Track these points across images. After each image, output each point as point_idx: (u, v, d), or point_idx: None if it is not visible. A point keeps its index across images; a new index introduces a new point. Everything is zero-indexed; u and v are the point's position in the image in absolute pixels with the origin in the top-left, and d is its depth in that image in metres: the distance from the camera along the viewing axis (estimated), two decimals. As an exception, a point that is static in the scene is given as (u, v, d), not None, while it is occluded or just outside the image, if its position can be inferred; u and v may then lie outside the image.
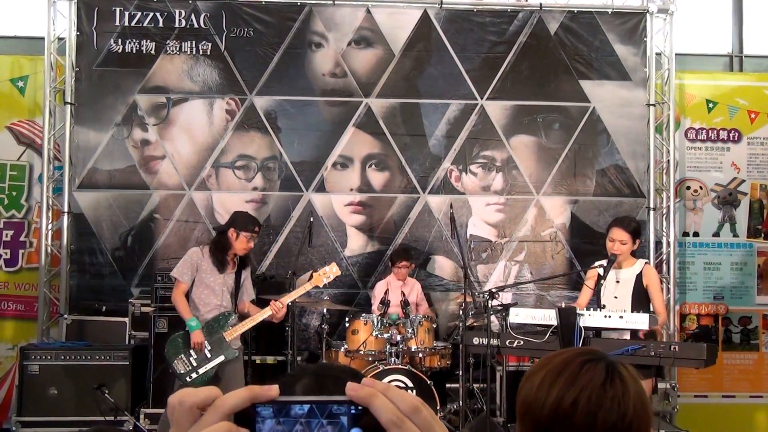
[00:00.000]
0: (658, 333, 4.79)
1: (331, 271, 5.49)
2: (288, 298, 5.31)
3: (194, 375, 5.08)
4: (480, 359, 5.93)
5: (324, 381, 1.43)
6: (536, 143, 7.30)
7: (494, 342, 5.08)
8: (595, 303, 4.94)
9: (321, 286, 5.64)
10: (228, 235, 5.23)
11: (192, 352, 5.09)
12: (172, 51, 7.11)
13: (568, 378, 1.39)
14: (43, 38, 7.01)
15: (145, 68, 7.09)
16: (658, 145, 7.34)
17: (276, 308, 5.21)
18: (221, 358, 5.13)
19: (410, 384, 5.73)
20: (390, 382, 5.69)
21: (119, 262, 7.01)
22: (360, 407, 0.80)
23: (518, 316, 5.00)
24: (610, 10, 7.30)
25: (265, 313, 5.23)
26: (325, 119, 7.21)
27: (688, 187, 7.56)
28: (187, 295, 5.22)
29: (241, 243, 5.21)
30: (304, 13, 7.17)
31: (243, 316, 5.34)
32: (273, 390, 0.81)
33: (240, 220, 5.28)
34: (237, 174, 7.16)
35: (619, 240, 4.91)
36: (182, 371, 5.09)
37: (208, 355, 5.11)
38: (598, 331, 4.77)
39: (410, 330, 5.98)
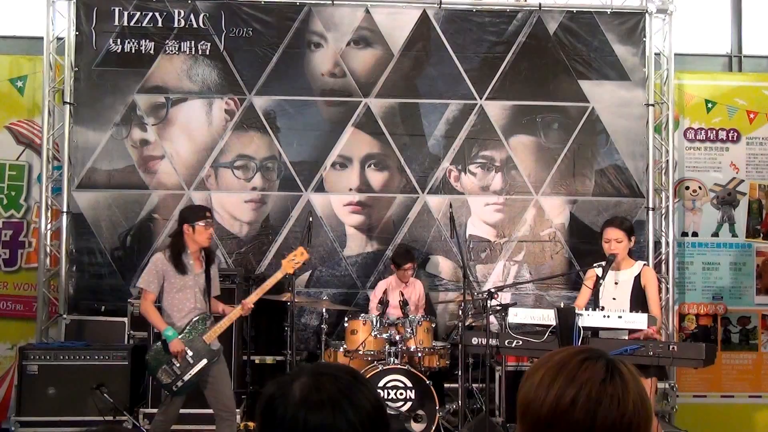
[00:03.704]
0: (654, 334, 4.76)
1: (299, 254, 5.32)
2: (257, 295, 5.23)
3: (180, 383, 5.02)
4: (479, 359, 5.92)
5: (321, 380, 1.43)
6: (535, 143, 7.30)
7: (493, 342, 5.08)
8: (593, 304, 4.93)
9: (292, 273, 5.46)
10: (184, 234, 5.09)
11: (174, 360, 5.00)
12: (171, 51, 7.10)
13: (567, 376, 1.39)
14: (42, 38, 7.00)
15: (144, 68, 7.08)
16: (657, 145, 7.34)
17: (246, 310, 5.17)
18: (204, 362, 5.06)
19: (409, 384, 5.73)
20: (389, 381, 5.70)
21: (118, 262, 7.01)
22: None
23: (517, 316, 4.99)
24: (609, 10, 7.30)
25: (237, 313, 5.18)
26: (324, 119, 7.21)
27: (687, 187, 7.57)
28: (160, 302, 5.12)
29: (200, 234, 5.07)
30: (303, 13, 7.18)
31: (216, 316, 5.25)
32: None
33: (189, 214, 5.17)
34: (236, 174, 7.16)
35: (614, 239, 4.91)
36: (167, 381, 5.02)
37: (191, 361, 5.03)
38: (594, 332, 4.77)
39: (409, 330, 5.98)
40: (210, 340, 5.09)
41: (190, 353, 5.04)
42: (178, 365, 5.02)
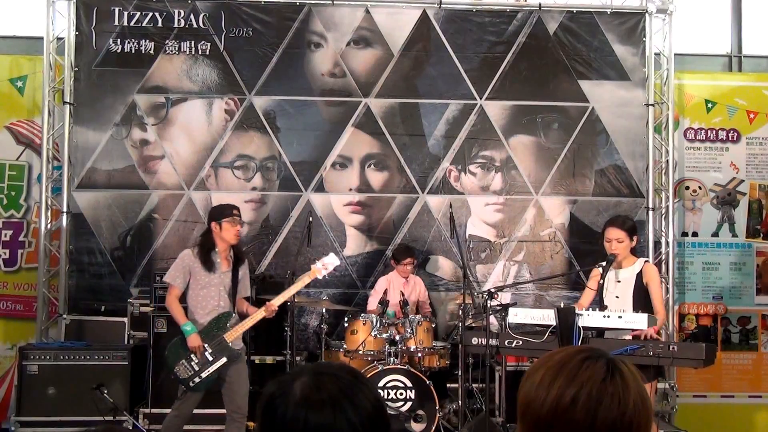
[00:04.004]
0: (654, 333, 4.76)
1: (330, 261, 5.39)
2: (283, 298, 5.29)
3: (197, 379, 5.04)
4: (479, 359, 5.92)
5: (322, 379, 1.43)
6: (535, 143, 7.30)
7: (493, 342, 5.08)
8: (598, 304, 4.93)
9: (320, 278, 5.50)
10: (212, 232, 5.18)
11: (193, 356, 5.04)
12: (171, 51, 7.10)
13: (567, 375, 1.39)
14: (42, 38, 7.00)
15: (144, 68, 7.08)
16: (657, 145, 7.34)
17: (270, 312, 5.21)
18: (224, 360, 5.09)
19: (409, 384, 5.73)
20: (389, 382, 5.70)
21: (118, 262, 7.01)
22: None
23: (517, 316, 4.99)
24: (609, 10, 7.30)
25: (261, 314, 5.21)
26: (324, 119, 7.21)
27: (687, 187, 7.56)
28: (185, 298, 5.19)
29: (227, 232, 5.16)
30: (303, 13, 7.17)
31: (242, 315, 5.29)
32: None
33: (216, 212, 5.29)
34: (236, 174, 7.16)
35: (615, 239, 4.91)
36: (185, 376, 5.04)
37: (210, 358, 5.06)
38: (600, 332, 4.77)
39: (409, 330, 5.98)
40: (231, 339, 5.11)
41: (209, 350, 5.06)
42: (196, 361, 5.04)
